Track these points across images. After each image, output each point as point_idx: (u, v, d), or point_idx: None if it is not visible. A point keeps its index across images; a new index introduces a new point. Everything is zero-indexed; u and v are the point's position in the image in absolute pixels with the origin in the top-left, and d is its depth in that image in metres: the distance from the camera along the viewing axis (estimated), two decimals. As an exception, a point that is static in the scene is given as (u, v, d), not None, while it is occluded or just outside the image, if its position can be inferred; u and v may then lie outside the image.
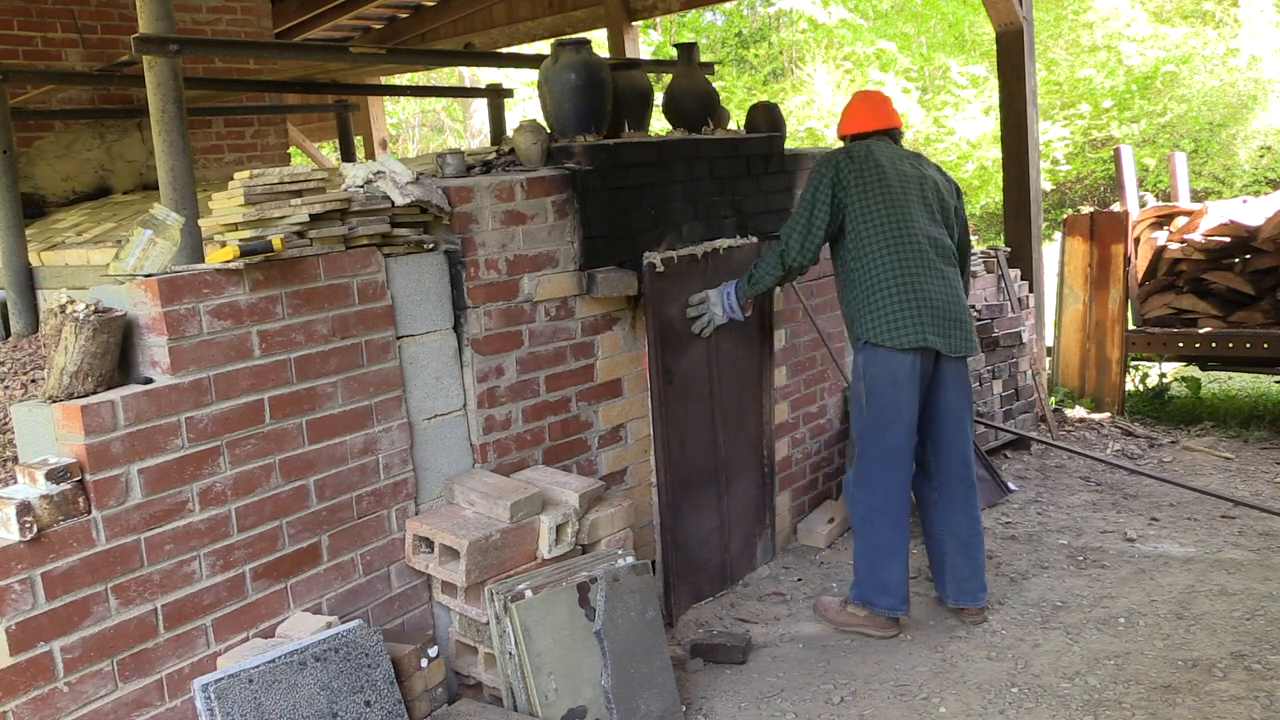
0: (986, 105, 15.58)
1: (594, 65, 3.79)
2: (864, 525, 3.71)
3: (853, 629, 3.75)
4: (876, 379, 3.62)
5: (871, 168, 3.69)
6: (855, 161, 3.70)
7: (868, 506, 3.68)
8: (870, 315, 3.60)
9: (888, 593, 3.68)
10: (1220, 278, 6.34)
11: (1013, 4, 6.22)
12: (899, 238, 3.62)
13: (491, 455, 3.43)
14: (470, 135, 18.56)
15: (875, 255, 3.61)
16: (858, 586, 3.75)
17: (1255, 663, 3.37)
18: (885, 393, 3.60)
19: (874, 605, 3.70)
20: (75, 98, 5.71)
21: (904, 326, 3.55)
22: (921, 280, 3.59)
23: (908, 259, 3.60)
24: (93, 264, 4.00)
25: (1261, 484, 5.19)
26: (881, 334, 3.57)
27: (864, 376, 3.66)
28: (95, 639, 2.51)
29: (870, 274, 3.62)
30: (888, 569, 3.67)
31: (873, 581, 3.69)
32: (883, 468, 3.65)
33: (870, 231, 3.63)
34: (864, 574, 3.72)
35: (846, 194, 3.67)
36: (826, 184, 3.69)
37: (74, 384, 2.56)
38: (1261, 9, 15.46)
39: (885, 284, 3.59)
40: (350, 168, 3.20)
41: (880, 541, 3.67)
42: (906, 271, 3.58)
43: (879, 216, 3.63)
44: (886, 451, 3.65)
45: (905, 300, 3.56)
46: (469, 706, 3.07)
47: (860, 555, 3.73)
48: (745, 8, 18.21)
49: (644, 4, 8.03)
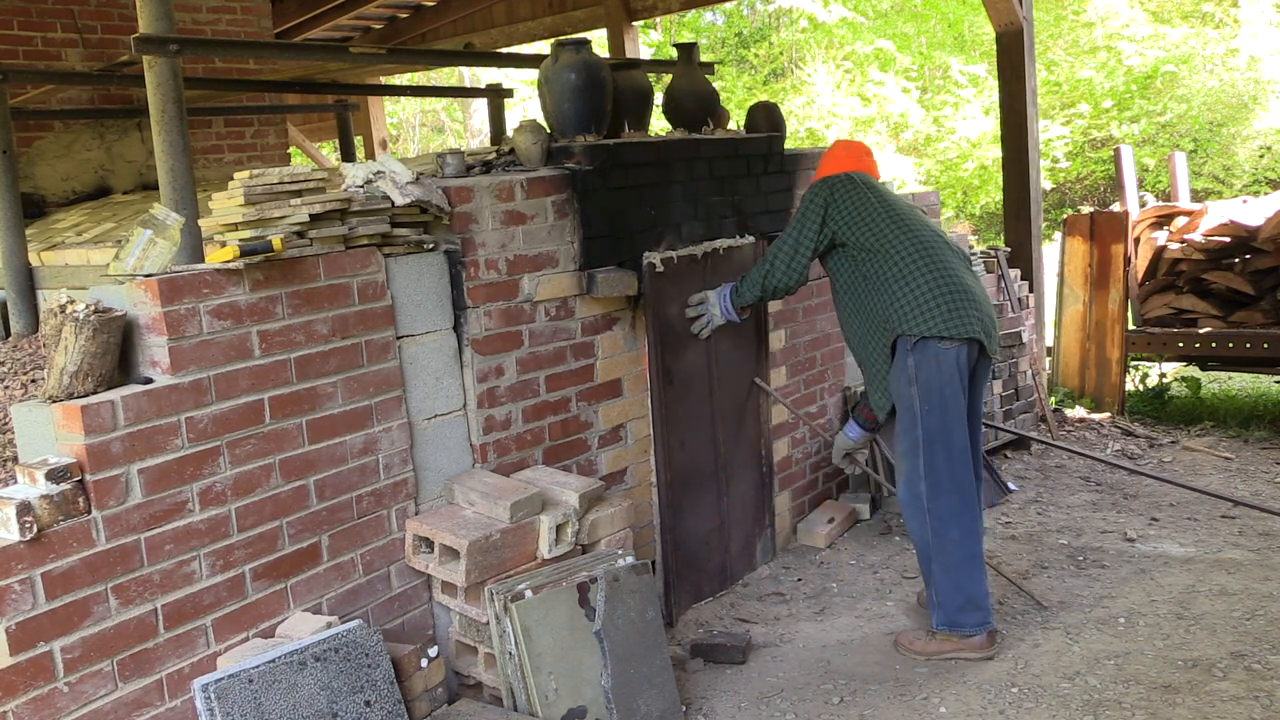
0: (986, 105, 15.58)
1: (594, 65, 3.79)
2: (940, 540, 3.49)
3: (948, 656, 3.51)
4: (933, 376, 3.45)
5: (867, 188, 3.64)
6: (848, 184, 3.64)
7: (942, 519, 3.48)
8: (918, 309, 3.44)
9: (976, 607, 3.49)
10: (1220, 278, 6.34)
11: (1013, 4, 6.22)
12: (920, 240, 3.54)
13: (491, 455, 3.43)
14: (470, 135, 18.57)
15: (904, 255, 3.50)
16: (941, 611, 3.51)
17: (1255, 663, 3.38)
18: (946, 389, 3.45)
19: (963, 627, 3.49)
20: (75, 98, 5.71)
21: (958, 315, 3.42)
22: (959, 274, 3.51)
23: (938, 256, 3.51)
24: (93, 264, 4.00)
25: (1261, 484, 5.19)
26: (936, 324, 3.41)
27: (917, 379, 3.47)
28: (95, 639, 2.51)
29: (905, 272, 3.48)
30: (973, 581, 3.49)
31: (958, 601, 3.48)
32: (952, 470, 3.48)
33: (889, 236, 3.53)
34: (947, 595, 3.50)
35: (841, 214, 3.59)
36: (818, 207, 3.63)
37: (74, 384, 2.56)
38: (1261, 9, 15.46)
39: (927, 278, 3.46)
40: (350, 168, 3.20)
41: (960, 553, 3.47)
42: (943, 266, 3.49)
43: (892, 224, 3.55)
44: (953, 452, 3.48)
45: (952, 291, 3.45)
46: (469, 706, 3.07)
47: (941, 575, 3.50)
48: (745, 8, 18.21)
49: (644, 4, 8.03)
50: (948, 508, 3.48)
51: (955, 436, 3.48)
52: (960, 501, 3.49)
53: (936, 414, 3.46)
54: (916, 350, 3.46)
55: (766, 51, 18.07)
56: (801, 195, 4.58)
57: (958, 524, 3.48)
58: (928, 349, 3.44)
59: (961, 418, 3.49)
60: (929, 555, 3.53)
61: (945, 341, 3.43)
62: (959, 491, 3.49)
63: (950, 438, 3.48)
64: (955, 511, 3.48)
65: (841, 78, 16.62)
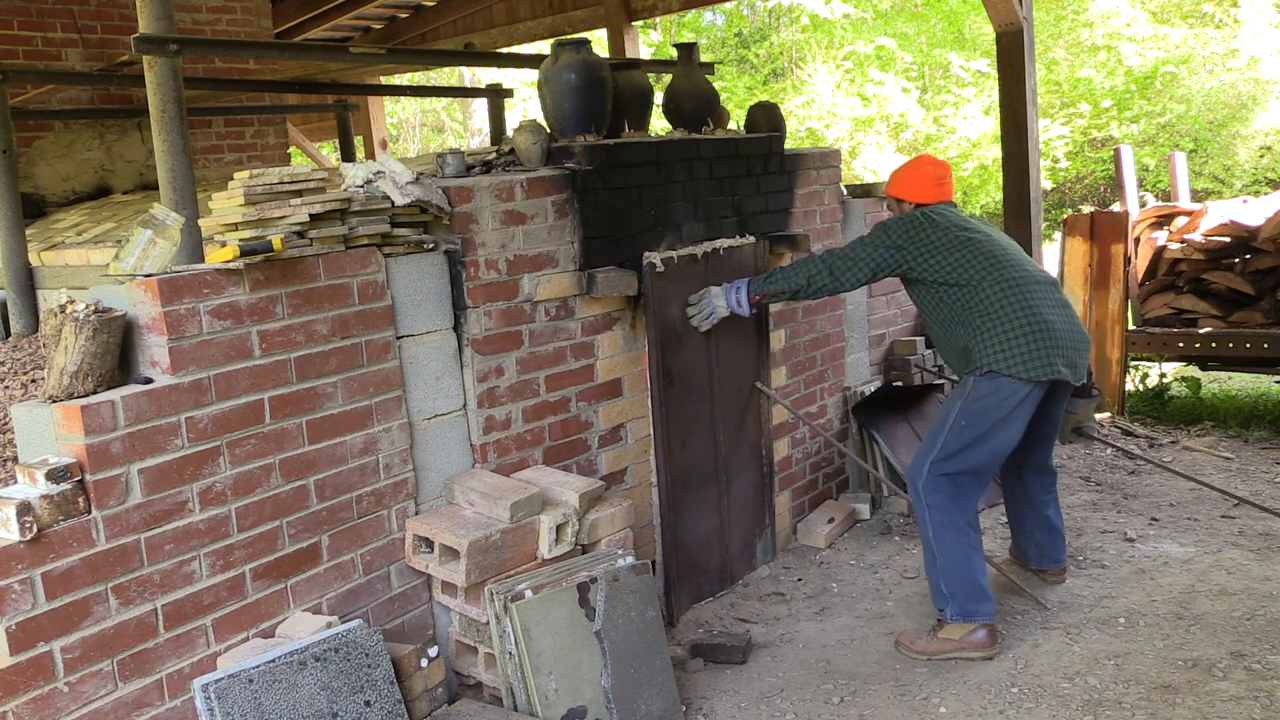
0: (987, 104, 15.58)
1: (594, 65, 3.79)
2: (947, 532, 3.57)
3: (949, 655, 3.54)
4: (990, 407, 3.53)
5: (951, 226, 3.69)
6: (930, 225, 3.69)
7: (950, 515, 3.57)
8: (1000, 347, 3.51)
9: (986, 597, 3.57)
10: (1220, 278, 6.34)
11: (1013, 4, 6.21)
12: (1007, 275, 3.59)
13: (491, 455, 3.43)
14: (470, 135, 18.57)
15: (990, 292, 3.57)
16: (956, 601, 3.56)
17: (1255, 663, 3.38)
18: (996, 423, 3.54)
19: (978, 616, 3.55)
20: (75, 98, 5.71)
21: (1037, 358, 3.49)
22: (1044, 311, 3.56)
23: (1025, 293, 3.56)
24: (93, 264, 4.00)
25: (1261, 484, 5.19)
26: (1014, 365, 3.49)
27: (967, 397, 3.57)
28: (95, 639, 2.51)
29: (990, 309, 3.56)
30: (980, 570, 3.59)
31: (971, 589, 3.56)
32: (971, 484, 3.61)
33: (972, 272, 3.59)
34: (958, 584, 3.57)
35: (921, 253, 3.65)
36: (895, 241, 3.69)
37: (74, 384, 2.56)
38: (1261, 9, 15.46)
39: (1011, 317, 3.53)
40: (350, 168, 3.20)
41: (965, 541, 3.57)
42: (1028, 304, 3.54)
43: (976, 260, 3.61)
44: (982, 474, 3.62)
45: (1034, 333, 3.50)
46: (469, 706, 3.07)
47: (949, 566, 3.57)
48: (745, 7, 18.21)
49: (644, 4, 8.03)
50: (948, 501, 3.58)
51: (988, 465, 3.62)
52: (965, 498, 3.60)
53: (969, 434, 3.56)
54: (986, 379, 3.55)
55: (766, 51, 18.07)
56: (803, 194, 4.60)
57: (962, 515, 3.59)
58: (996, 380, 3.53)
59: (1001, 449, 3.60)
60: (931, 549, 3.62)
61: (1017, 380, 3.51)
62: (965, 493, 3.60)
63: (982, 464, 3.60)
64: (958, 505, 3.58)
65: (842, 77, 16.61)
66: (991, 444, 3.57)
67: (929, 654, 3.56)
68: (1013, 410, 3.53)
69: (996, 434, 3.56)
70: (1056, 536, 4.06)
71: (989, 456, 3.60)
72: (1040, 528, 4.05)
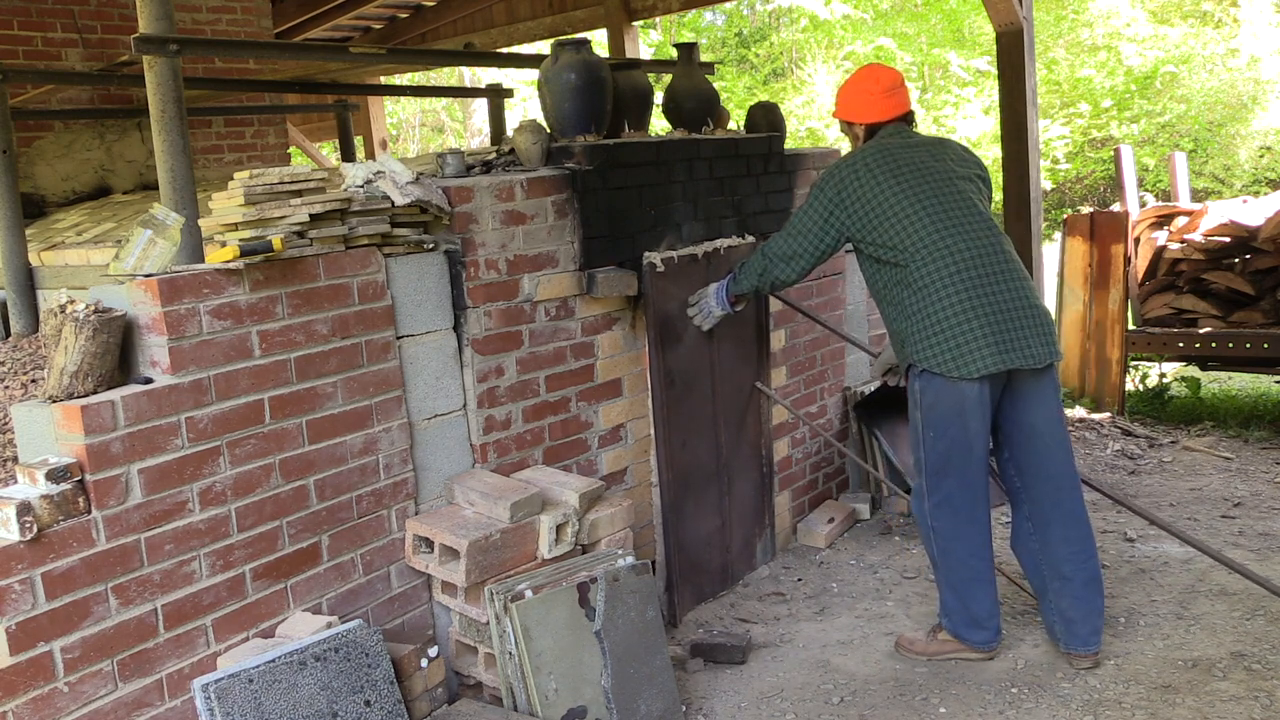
0: (987, 104, 15.58)
1: (594, 65, 3.79)
2: (945, 557, 3.41)
3: (949, 656, 3.49)
4: (937, 409, 3.24)
5: (888, 175, 3.28)
6: (865, 173, 3.30)
7: (945, 537, 3.38)
8: (929, 341, 3.18)
9: (980, 626, 3.43)
10: (1220, 278, 6.34)
11: (1013, 4, 6.21)
12: (947, 243, 3.19)
13: (491, 455, 3.43)
14: (470, 135, 18.57)
15: (924, 270, 3.19)
16: (948, 617, 3.49)
17: (1255, 663, 3.38)
18: (951, 425, 3.24)
19: (967, 639, 3.46)
20: (75, 98, 5.71)
21: (971, 353, 3.12)
22: (987, 288, 3.16)
23: (965, 265, 3.17)
24: (93, 264, 4.00)
25: (1261, 484, 5.18)
26: (944, 363, 3.15)
27: (920, 405, 3.29)
28: (95, 639, 2.51)
29: (923, 293, 3.19)
30: (977, 601, 3.41)
31: (964, 615, 3.44)
32: (962, 495, 3.33)
33: (909, 244, 3.21)
34: (953, 606, 3.46)
35: (858, 212, 3.30)
36: (823, 205, 3.37)
37: (74, 384, 2.56)
38: (1261, 9, 15.47)
39: (944, 302, 3.15)
40: (350, 168, 3.20)
41: (964, 573, 3.40)
42: (967, 281, 3.15)
43: (915, 225, 3.21)
44: (965, 478, 3.31)
45: (971, 319, 3.12)
46: (469, 706, 3.07)
47: (946, 587, 3.46)
48: (745, 7, 18.21)
49: (644, 4, 8.03)
50: (950, 527, 3.38)
51: (968, 473, 3.30)
52: (967, 524, 3.36)
53: (942, 443, 3.29)
54: (923, 379, 3.28)
55: (766, 51, 18.08)
56: (803, 194, 4.59)
57: (963, 544, 3.38)
58: (933, 381, 3.24)
59: (974, 453, 3.26)
60: (936, 566, 3.51)
61: (951, 380, 3.18)
62: (967, 515, 3.35)
63: (961, 472, 3.30)
64: (960, 533, 3.37)
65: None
66: (963, 448, 3.27)
67: (929, 655, 3.52)
68: (963, 410, 3.21)
69: (962, 436, 3.25)
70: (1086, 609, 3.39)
71: (968, 461, 3.28)
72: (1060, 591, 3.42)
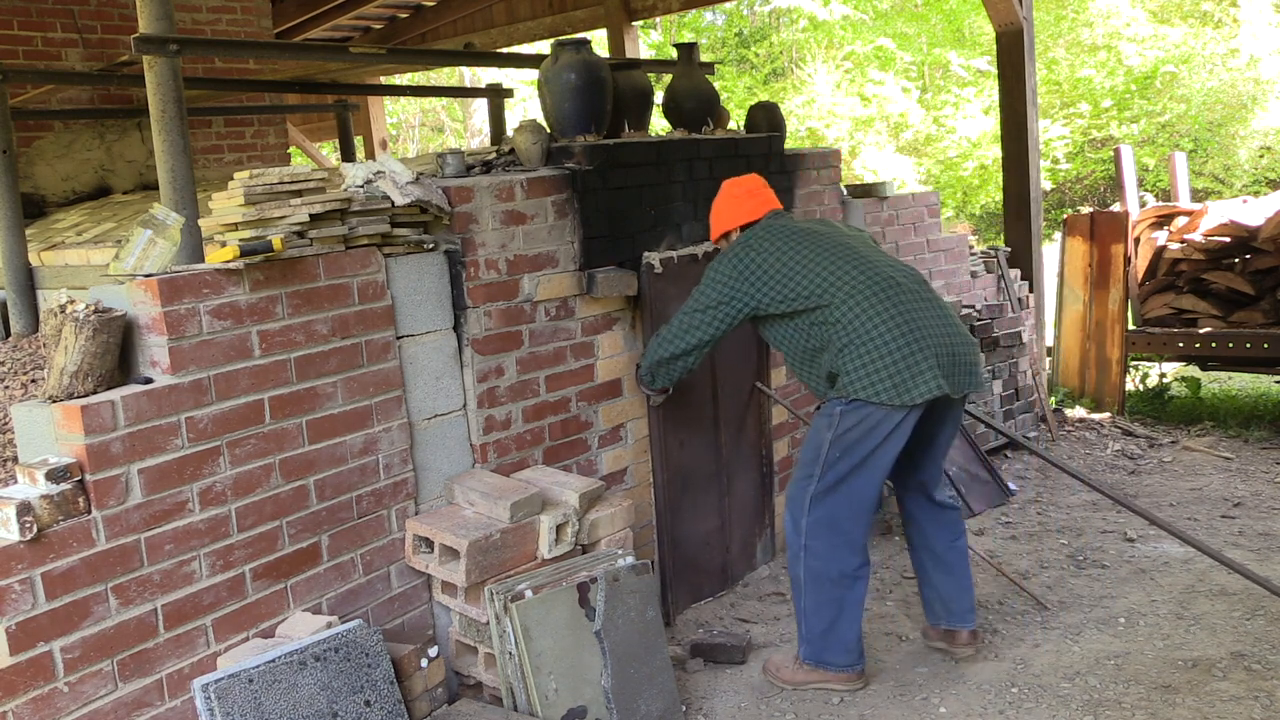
0: (987, 104, 15.58)
1: (594, 65, 3.79)
2: (816, 581, 3.28)
3: (813, 686, 3.36)
4: (854, 433, 3.17)
5: (783, 241, 3.29)
6: (758, 245, 3.30)
7: (819, 557, 3.26)
8: (869, 370, 3.12)
9: (846, 649, 3.32)
10: (1220, 278, 6.34)
11: (1013, 4, 6.22)
12: (867, 278, 3.18)
13: (491, 455, 3.43)
14: (470, 135, 18.57)
15: (850, 306, 3.16)
16: (807, 645, 3.34)
17: (1255, 663, 3.38)
18: (865, 449, 3.18)
19: (830, 665, 3.33)
20: (75, 98, 5.71)
21: (916, 378, 3.10)
22: (918, 316, 3.17)
23: (892, 297, 3.17)
24: (93, 264, 4.00)
25: (1262, 484, 5.18)
26: (885, 391, 3.10)
27: (835, 427, 3.20)
28: (95, 639, 2.51)
29: (853, 327, 3.15)
30: (846, 624, 3.30)
31: (828, 639, 3.31)
32: (848, 523, 3.25)
33: (827, 287, 3.18)
34: (816, 631, 3.32)
35: (763, 277, 3.26)
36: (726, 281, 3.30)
37: (74, 384, 2.56)
38: (1261, 9, 15.46)
39: (881, 332, 3.12)
40: (350, 168, 3.20)
41: (835, 594, 3.28)
42: (898, 311, 3.14)
43: (830, 270, 3.20)
44: (855, 504, 3.25)
45: (914, 347, 3.11)
46: (469, 706, 3.07)
47: (812, 612, 3.31)
48: (745, 8, 18.21)
49: (644, 4, 8.03)
50: (827, 548, 3.26)
51: (864, 496, 3.25)
52: (845, 546, 3.27)
53: (846, 463, 3.21)
54: (854, 407, 3.17)
55: (766, 51, 18.07)
56: (804, 194, 4.60)
57: (838, 564, 3.27)
58: (865, 409, 3.15)
59: (878, 478, 3.24)
60: (799, 588, 3.34)
61: (888, 408, 3.14)
62: (846, 537, 3.27)
63: (856, 495, 3.24)
64: (836, 554, 3.26)
65: (841, 77, 16.61)
66: (871, 471, 3.21)
67: (795, 684, 3.38)
68: (888, 436, 3.17)
69: (875, 461, 3.20)
70: (961, 590, 3.49)
71: (870, 485, 3.24)
72: (942, 575, 3.49)
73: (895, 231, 5.37)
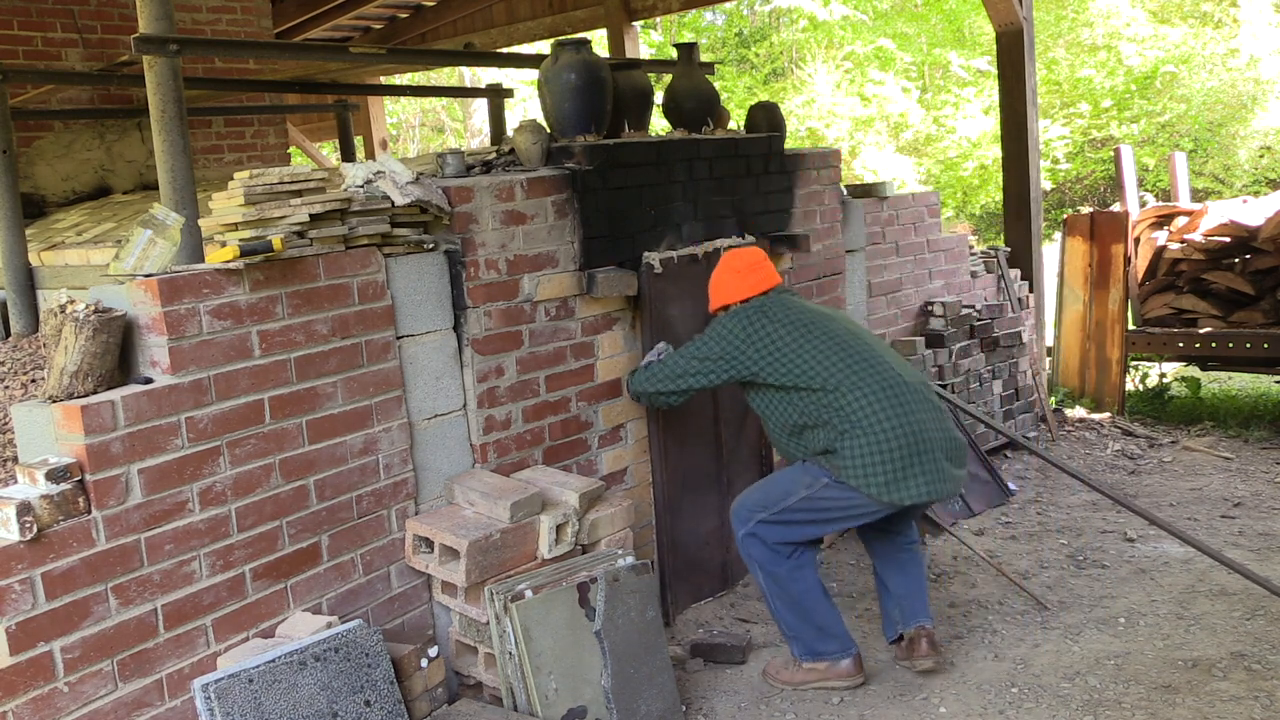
0: (987, 104, 15.58)
1: (594, 65, 3.79)
2: (772, 581, 3.35)
3: (813, 686, 3.39)
4: (832, 509, 3.26)
5: (785, 322, 3.33)
6: (762, 319, 3.34)
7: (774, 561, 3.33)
8: (864, 464, 3.15)
9: (830, 635, 3.37)
10: (1220, 278, 6.34)
11: (1013, 4, 6.22)
12: (875, 377, 3.22)
13: (491, 455, 3.43)
14: (470, 135, 18.56)
15: (856, 398, 3.18)
16: (797, 642, 3.39)
17: (1255, 663, 3.38)
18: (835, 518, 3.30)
19: (826, 654, 3.37)
20: (75, 98, 5.71)
21: (906, 482, 3.16)
22: (918, 421, 3.20)
23: (898, 398, 3.20)
24: (93, 264, 4.00)
25: (1261, 484, 5.19)
26: (875, 486, 3.15)
27: (814, 491, 3.25)
28: (95, 639, 2.51)
29: (858, 417, 3.17)
30: (821, 612, 3.36)
31: (811, 630, 3.36)
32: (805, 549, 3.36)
33: (834, 373, 3.22)
34: (796, 627, 3.37)
35: (764, 350, 3.30)
36: (728, 343, 3.35)
37: (74, 384, 2.56)
38: (1261, 9, 15.47)
39: (880, 430, 3.15)
40: (350, 168, 3.20)
41: (798, 587, 3.34)
42: (902, 413, 3.18)
43: (837, 358, 3.24)
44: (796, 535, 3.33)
45: (904, 450, 3.15)
46: (469, 706, 3.07)
47: (784, 610, 3.36)
48: (745, 7, 18.21)
49: (644, 4, 8.03)
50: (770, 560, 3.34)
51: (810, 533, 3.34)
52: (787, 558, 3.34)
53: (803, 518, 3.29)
54: (840, 487, 3.22)
55: (766, 51, 18.07)
56: (803, 194, 4.59)
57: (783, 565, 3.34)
58: (848, 491, 3.22)
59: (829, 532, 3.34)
60: (765, 594, 3.41)
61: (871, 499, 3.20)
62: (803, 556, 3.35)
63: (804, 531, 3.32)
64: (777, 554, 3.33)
65: (842, 77, 16.61)
66: (825, 529, 3.36)
67: (794, 684, 3.41)
68: (859, 518, 3.29)
69: (834, 526, 3.36)
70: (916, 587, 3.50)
71: (818, 535, 3.36)
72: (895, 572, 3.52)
73: (895, 231, 5.36)
